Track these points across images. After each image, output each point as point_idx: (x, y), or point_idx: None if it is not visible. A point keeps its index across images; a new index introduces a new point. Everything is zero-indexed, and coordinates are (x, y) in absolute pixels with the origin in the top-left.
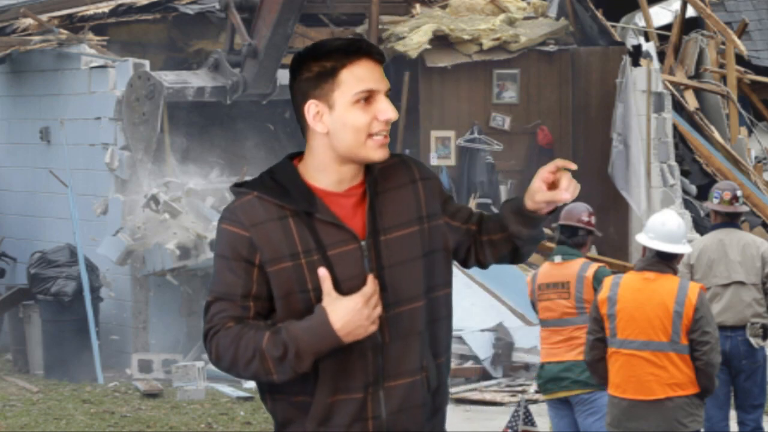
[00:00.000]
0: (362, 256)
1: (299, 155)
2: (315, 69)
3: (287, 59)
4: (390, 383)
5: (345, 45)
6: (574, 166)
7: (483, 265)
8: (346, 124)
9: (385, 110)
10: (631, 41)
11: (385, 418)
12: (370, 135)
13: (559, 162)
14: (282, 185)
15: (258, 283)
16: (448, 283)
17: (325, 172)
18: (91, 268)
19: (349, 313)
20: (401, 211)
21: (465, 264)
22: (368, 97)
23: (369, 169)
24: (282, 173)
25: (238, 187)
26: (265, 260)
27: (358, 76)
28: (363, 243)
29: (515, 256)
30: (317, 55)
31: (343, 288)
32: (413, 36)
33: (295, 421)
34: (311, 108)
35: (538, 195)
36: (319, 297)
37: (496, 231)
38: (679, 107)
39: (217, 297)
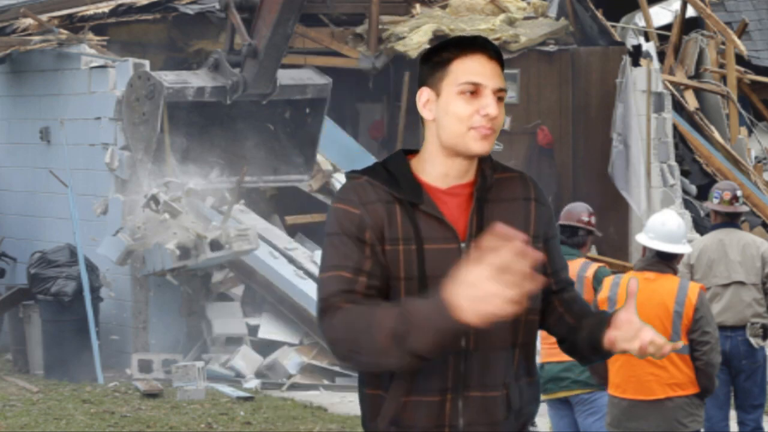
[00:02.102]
0: (459, 257)
1: (414, 152)
2: (433, 60)
3: (287, 59)
4: (470, 393)
5: (462, 39)
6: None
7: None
8: (449, 112)
9: (487, 105)
10: (631, 41)
11: (461, 428)
12: (471, 127)
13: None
14: (392, 174)
15: (371, 260)
16: (538, 310)
17: (432, 163)
18: (91, 268)
19: (468, 286)
20: (509, 224)
21: None
22: (474, 91)
23: (482, 173)
24: (393, 163)
25: (351, 173)
26: (374, 239)
27: (468, 69)
28: (462, 244)
29: (561, 344)
30: (438, 48)
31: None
32: (413, 36)
33: (372, 418)
34: (423, 95)
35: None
36: (409, 287)
37: (574, 316)
38: (679, 107)
39: (330, 271)
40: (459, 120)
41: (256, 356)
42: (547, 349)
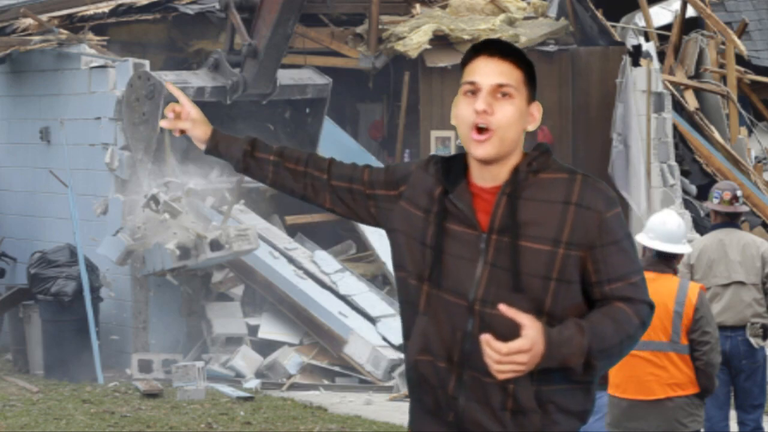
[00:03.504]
0: (477, 245)
1: None
2: (461, 68)
3: (287, 59)
4: (475, 373)
5: (479, 43)
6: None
7: None
8: (456, 114)
9: (478, 100)
10: (631, 41)
11: (462, 403)
12: (470, 127)
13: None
14: (449, 164)
15: (377, 187)
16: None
17: (472, 163)
18: (91, 268)
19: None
20: (538, 225)
21: None
22: (474, 90)
23: (515, 171)
24: (457, 157)
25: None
26: (405, 195)
27: (470, 70)
28: (484, 235)
29: None
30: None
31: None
32: (413, 36)
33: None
34: (455, 99)
35: None
36: (434, 255)
37: None
38: (679, 107)
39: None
40: (461, 121)
41: (256, 356)
42: None
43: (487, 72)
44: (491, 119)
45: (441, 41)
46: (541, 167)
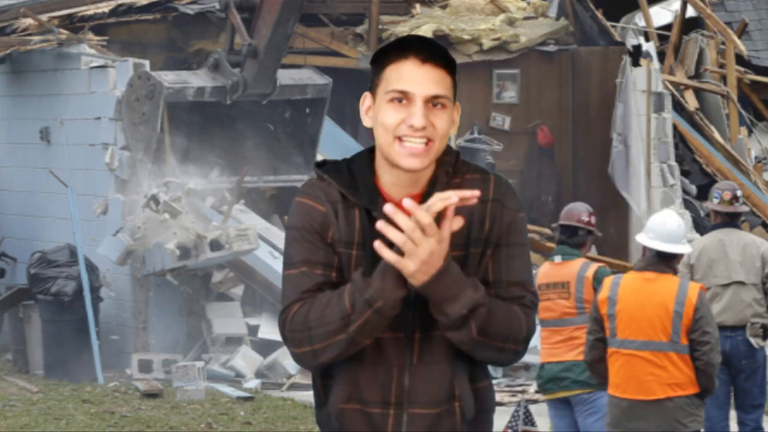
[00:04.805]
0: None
1: None
2: (375, 64)
3: (287, 59)
4: (416, 410)
5: (400, 41)
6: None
7: None
8: (378, 121)
9: (413, 115)
10: (631, 41)
11: None
12: (399, 138)
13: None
14: (354, 178)
15: (336, 256)
16: None
17: (382, 170)
18: (91, 268)
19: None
20: (457, 232)
21: None
22: (405, 99)
23: (434, 181)
24: (358, 165)
25: (319, 167)
26: (335, 239)
27: (398, 75)
28: None
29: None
30: (379, 51)
31: None
32: None
33: (319, 405)
34: (366, 101)
35: None
36: None
37: None
38: (679, 107)
39: (296, 267)
40: (386, 130)
41: (256, 356)
42: (547, 349)
43: (420, 80)
44: (427, 133)
45: (441, 41)
46: (456, 171)
